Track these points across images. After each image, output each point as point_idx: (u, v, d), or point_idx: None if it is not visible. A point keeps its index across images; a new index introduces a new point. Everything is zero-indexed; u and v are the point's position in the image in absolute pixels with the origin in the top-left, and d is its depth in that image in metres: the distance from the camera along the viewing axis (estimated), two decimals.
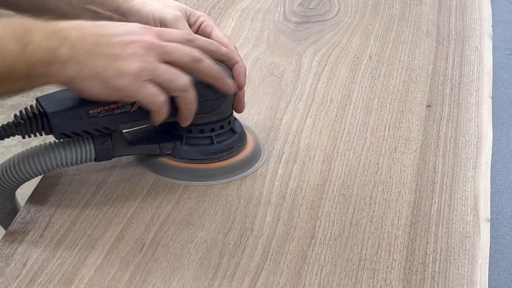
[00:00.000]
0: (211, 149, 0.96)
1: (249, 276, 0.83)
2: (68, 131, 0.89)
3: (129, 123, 0.91)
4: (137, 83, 0.86)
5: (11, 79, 0.81)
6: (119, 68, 0.85)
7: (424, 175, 0.98)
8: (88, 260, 0.84)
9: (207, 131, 0.95)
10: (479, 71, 1.20)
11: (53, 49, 0.82)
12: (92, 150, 0.91)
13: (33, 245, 0.85)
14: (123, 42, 0.86)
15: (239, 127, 0.99)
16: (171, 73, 0.88)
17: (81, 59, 0.84)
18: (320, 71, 1.18)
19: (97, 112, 0.89)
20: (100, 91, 0.85)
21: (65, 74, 0.83)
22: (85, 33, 0.86)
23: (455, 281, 0.83)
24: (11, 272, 0.82)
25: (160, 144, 0.95)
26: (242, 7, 1.36)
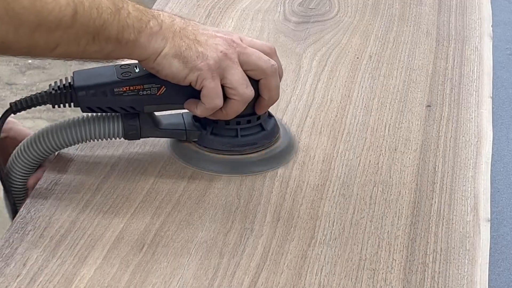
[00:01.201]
0: (234, 142, 0.97)
1: (249, 276, 0.83)
2: (93, 106, 0.93)
3: (155, 106, 0.94)
4: (212, 72, 0.90)
5: (103, 38, 0.85)
6: (201, 51, 0.90)
7: (424, 175, 0.98)
8: (88, 260, 0.84)
9: (233, 124, 0.97)
10: (479, 71, 1.20)
11: (144, 20, 0.87)
12: (120, 127, 0.95)
13: (33, 245, 0.85)
14: (208, 34, 0.92)
15: (271, 124, 1.00)
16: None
17: (167, 36, 0.89)
18: (320, 71, 1.18)
19: (122, 91, 0.92)
20: (178, 70, 0.89)
21: (150, 46, 0.88)
22: (174, 19, 0.91)
23: (455, 281, 0.83)
24: (11, 272, 0.82)
25: (187, 131, 0.98)
26: (242, 7, 1.36)
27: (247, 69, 0.92)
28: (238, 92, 0.92)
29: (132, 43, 0.87)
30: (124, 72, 0.93)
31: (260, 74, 0.93)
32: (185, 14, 1.32)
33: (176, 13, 1.31)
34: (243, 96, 0.92)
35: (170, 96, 0.93)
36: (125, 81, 0.92)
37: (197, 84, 0.91)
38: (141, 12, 0.88)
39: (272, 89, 0.95)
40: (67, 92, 0.92)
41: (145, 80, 0.93)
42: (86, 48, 0.86)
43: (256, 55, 0.93)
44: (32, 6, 0.80)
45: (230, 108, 0.93)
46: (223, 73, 0.91)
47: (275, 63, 0.94)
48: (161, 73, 0.90)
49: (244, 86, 0.92)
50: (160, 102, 0.94)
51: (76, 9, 0.82)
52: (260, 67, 0.93)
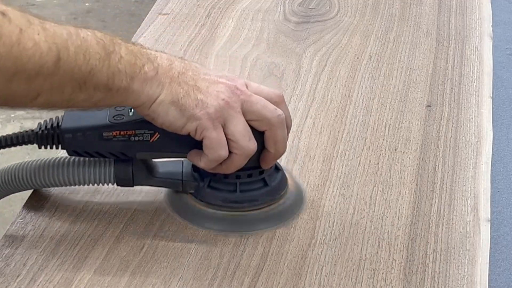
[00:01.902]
0: (232, 197, 0.89)
1: (249, 276, 0.83)
2: (80, 150, 0.87)
3: (148, 153, 0.87)
4: (213, 121, 0.82)
5: (91, 85, 0.78)
6: (201, 99, 0.82)
7: (424, 175, 0.98)
8: (88, 260, 0.84)
9: (232, 178, 0.88)
10: (479, 71, 1.20)
11: (138, 65, 0.80)
12: (112, 173, 0.88)
13: (33, 245, 0.85)
14: (210, 79, 0.84)
15: (277, 179, 0.91)
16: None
17: (163, 81, 0.81)
18: (320, 71, 1.18)
19: (111, 136, 0.85)
20: (175, 119, 0.82)
21: (144, 92, 0.80)
22: (173, 62, 0.84)
23: (455, 281, 0.83)
24: (11, 272, 0.82)
25: (183, 181, 0.90)
26: (242, 7, 1.36)
27: (251, 119, 0.84)
28: (240, 145, 0.84)
29: (124, 90, 0.80)
30: (117, 115, 0.86)
31: (265, 125, 0.85)
32: (185, 14, 1.32)
33: (176, 13, 1.31)
34: (245, 149, 0.84)
35: (165, 144, 0.86)
36: (115, 125, 0.85)
37: (197, 135, 0.83)
38: (135, 55, 0.81)
39: (278, 141, 0.86)
40: (54, 133, 0.86)
41: (137, 125, 0.85)
42: (72, 96, 0.78)
43: (262, 103, 0.85)
44: (8, 52, 0.70)
45: (230, 162, 0.85)
46: (224, 122, 0.83)
47: (282, 113, 0.86)
48: (157, 121, 0.83)
49: (247, 138, 0.84)
50: (153, 149, 0.86)
51: (59, 55, 0.74)
52: (265, 117, 0.85)
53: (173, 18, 1.31)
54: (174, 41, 1.24)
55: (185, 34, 1.26)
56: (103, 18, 3.37)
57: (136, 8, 3.44)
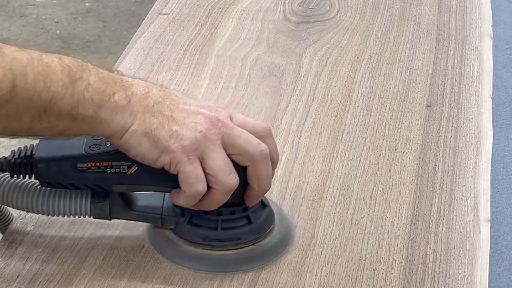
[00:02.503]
0: (212, 235, 0.83)
1: (249, 276, 0.83)
2: (53, 181, 0.82)
3: (125, 186, 0.82)
4: (188, 154, 0.78)
5: (53, 113, 0.74)
6: (175, 130, 0.78)
7: (424, 175, 0.98)
8: (88, 260, 0.84)
9: (214, 214, 0.83)
10: (479, 71, 1.20)
11: (107, 93, 0.76)
12: (88, 206, 0.84)
13: (33, 245, 0.85)
14: (189, 110, 0.79)
15: (262, 216, 0.85)
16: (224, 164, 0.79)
17: (135, 111, 0.77)
18: (320, 71, 1.18)
19: (86, 167, 0.81)
20: (148, 150, 0.78)
21: (114, 123, 0.77)
22: (150, 91, 0.79)
23: (455, 281, 0.83)
24: (11, 272, 0.82)
25: (162, 216, 0.85)
26: (242, 7, 1.36)
27: (232, 153, 0.79)
28: (219, 179, 0.78)
29: (91, 119, 0.75)
30: (93, 145, 0.81)
31: (247, 159, 0.80)
32: (185, 14, 1.32)
33: (176, 13, 1.31)
34: (224, 185, 0.79)
35: (143, 177, 0.81)
36: (91, 156, 0.81)
37: (171, 168, 0.78)
38: (106, 82, 0.77)
39: (262, 177, 0.81)
40: (27, 162, 0.82)
41: (114, 157, 0.80)
42: (33, 125, 0.74)
43: (244, 137, 0.80)
44: None
45: (210, 198, 0.80)
46: (202, 156, 0.78)
47: (265, 148, 0.81)
48: (130, 152, 0.79)
49: (226, 173, 0.79)
50: (130, 182, 0.81)
51: (15, 82, 0.71)
52: (247, 151, 0.80)
53: (173, 18, 1.31)
54: (174, 41, 1.24)
55: (185, 34, 1.26)
56: (103, 18, 3.37)
57: (136, 8, 3.44)
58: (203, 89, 1.13)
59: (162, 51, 1.21)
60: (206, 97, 1.11)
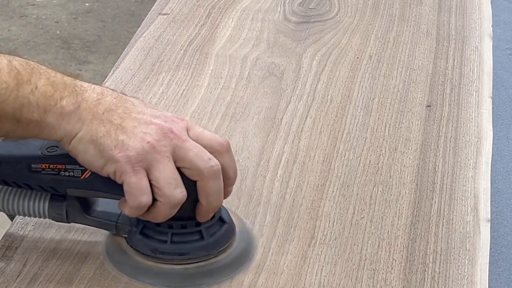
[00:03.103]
0: (161, 247, 0.81)
1: (249, 276, 0.83)
2: (8, 180, 0.82)
3: (79, 190, 0.81)
4: (133, 165, 0.76)
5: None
6: (121, 140, 0.76)
7: (424, 175, 0.98)
8: (88, 260, 0.84)
9: (164, 227, 0.81)
10: (479, 71, 1.20)
11: (55, 98, 0.76)
12: (46, 208, 0.83)
13: (33, 245, 0.85)
14: (141, 119, 0.78)
15: (218, 233, 0.83)
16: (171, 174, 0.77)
17: (83, 117, 0.77)
18: (320, 71, 1.18)
19: (40, 168, 0.80)
20: (94, 158, 0.77)
21: (61, 127, 0.76)
22: (103, 97, 0.79)
23: (455, 281, 0.83)
24: (11, 272, 0.82)
25: (117, 224, 0.83)
26: (242, 7, 1.36)
27: (182, 167, 0.78)
28: (164, 192, 0.77)
29: (36, 123, 0.75)
30: (51, 146, 0.81)
31: (196, 174, 0.78)
32: (185, 14, 1.32)
33: (176, 13, 1.31)
34: (170, 198, 0.77)
35: (96, 183, 0.80)
36: (45, 157, 0.80)
37: (116, 178, 0.77)
38: (55, 87, 0.76)
39: (210, 194, 0.79)
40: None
41: (68, 160, 0.79)
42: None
43: (195, 151, 0.78)
44: None
45: (156, 211, 0.78)
46: (148, 167, 0.77)
47: (216, 164, 0.79)
48: (78, 158, 0.78)
49: (172, 186, 0.77)
50: (84, 187, 0.80)
51: None
52: (196, 166, 0.78)
53: (173, 18, 1.31)
54: (174, 41, 1.24)
55: (185, 34, 1.26)
56: (103, 18, 3.37)
57: (136, 8, 3.44)
58: (203, 89, 1.13)
59: (162, 51, 1.21)
60: (206, 97, 1.11)
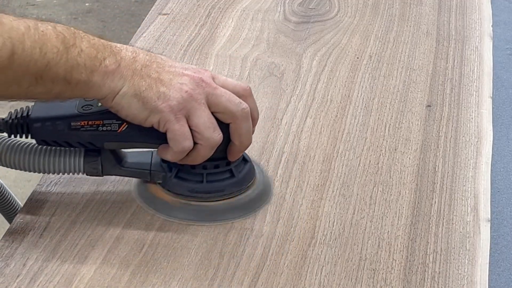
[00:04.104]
0: (198, 187, 0.90)
1: (249, 276, 0.83)
2: (49, 139, 0.88)
3: (116, 143, 0.88)
4: (175, 113, 0.84)
5: (48, 79, 0.79)
6: (163, 92, 0.83)
7: (424, 175, 0.98)
8: (88, 260, 0.84)
9: (199, 168, 0.89)
10: (479, 71, 1.20)
11: (99, 58, 0.81)
12: (82, 163, 0.89)
13: (33, 245, 0.85)
14: (175, 72, 0.85)
15: (244, 171, 0.92)
16: None
17: (125, 74, 0.83)
18: (320, 71, 1.18)
19: (79, 126, 0.86)
20: (138, 111, 0.84)
21: (106, 86, 0.82)
22: (137, 55, 0.84)
23: (455, 281, 0.83)
24: (11, 272, 0.82)
25: (151, 171, 0.91)
26: (242, 7, 1.36)
27: (216, 111, 0.86)
28: (204, 136, 0.85)
29: (84, 83, 0.81)
30: (86, 105, 0.87)
31: (229, 117, 0.86)
32: (185, 14, 1.32)
33: (176, 13, 1.31)
34: (209, 140, 0.85)
35: (132, 134, 0.87)
36: (83, 115, 0.86)
37: (160, 127, 0.85)
38: (96, 48, 0.82)
39: (243, 134, 0.88)
40: (23, 123, 0.87)
41: (105, 116, 0.86)
42: (30, 89, 0.80)
43: (226, 96, 0.86)
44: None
45: (196, 153, 0.86)
46: (188, 114, 0.84)
47: (246, 107, 0.87)
48: (121, 113, 0.85)
49: (211, 130, 0.85)
50: (121, 139, 0.87)
51: (13, 49, 0.76)
52: (230, 110, 0.86)
53: (173, 18, 1.31)
54: (174, 41, 1.24)
55: (185, 34, 1.26)
56: (103, 18, 3.37)
57: (136, 8, 3.44)
58: None
59: (162, 51, 1.21)
60: None
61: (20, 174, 0.98)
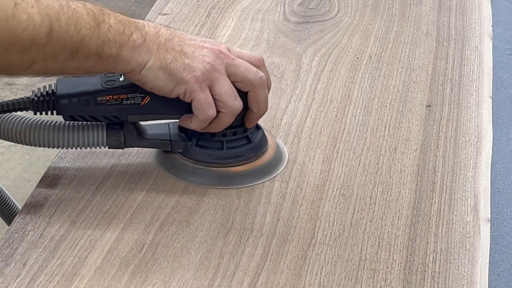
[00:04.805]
0: (219, 154, 0.95)
1: (249, 276, 0.83)
2: (75, 114, 0.92)
3: (139, 115, 0.93)
4: (200, 84, 0.89)
5: (82, 54, 0.83)
6: (188, 63, 0.88)
7: (424, 175, 0.98)
8: (88, 260, 0.84)
9: (219, 136, 0.95)
10: (479, 71, 1.20)
11: (126, 33, 0.86)
12: (104, 136, 0.94)
13: (33, 245, 0.85)
14: (195, 44, 0.90)
15: (258, 137, 0.97)
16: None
17: (151, 48, 0.87)
18: (320, 71, 1.18)
19: (105, 100, 0.91)
20: (165, 83, 0.88)
21: (133, 59, 0.86)
22: (159, 30, 0.89)
23: (455, 281, 0.83)
24: (11, 272, 0.82)
25: (172, 141, 0.96)
26: (242, 7, 1.36)
27: (235, 81, 0.91)
28: (227, 104, 0.90)
29: (114, 58, 0.85)
30: (108, 80, 0.92)
31: (248, 86, 0.92)
32: (185, 14, 1.32)
33: (176, 13, 1.31)
34: (232, 108, 0.91)
35: (155, 106, 0.92)
36: (108, 90, 0.91)
37: (186, 97, 0.90)
38: (123, 24, 0.86)
39: (261, 101, 0.93)
40: (49, 100, 0.91)
41: (129, 89, 0.91)
42: (65, 64, 0.83)
43: (244, 66, 0.91)
44: (5, 25, 0.77)
45: (219, 121, 0.92)
46: (211, 84, 0.89)
47: (263, 75, 0.93)
48: (147, 85, 0.89)
49: (233, 98, 0.90)
50: (144, 112, 0.92)
51: (51, 26, 0.80)
52: (248, 79, 0.91)
53: (173, 18, 1.31)
54: None
55: None
56: None
57: (136, 8, 3.44)
58: None
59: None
60: None
61: (20, 174, 0.98)
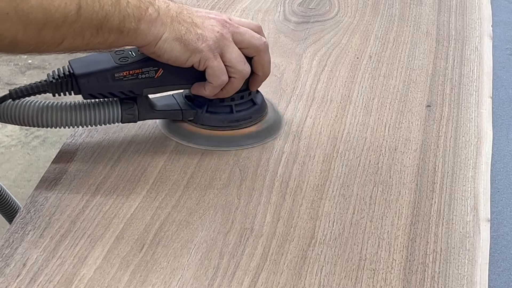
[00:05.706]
0: (230, 118, 1.01)
1: (249, 276, 0.83)
2: (95, 92, 0.96)
3: (153, 88, 0.98)
4: (213, 52, 0.94)
5: (106, 29, 0.88)
6: (200, 33, 0.94)
7: (424, 175, 0.98)
8: (88, 260, 0.84)
9: (227, 101, 1.01)
10: (479, 71, 1.20)
11: (143, 8, 0.90)
12: (119, 112, 0.98)
13: (33, 245, 0.85)
14: (203, 16, 0.96)
15: (260, 99, 1.04)
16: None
17: (165, 21, 0.92)
18: (320, 71, 1.18)
19: (122, 76, 0.95)
20: (180, 53, 0.93)
21: (150, 33, 0.91)
22: (169, 4, 0.94)
23: (455, 281, 0.83)
24: (11, 272, 0.82)
25: (182, 110, 1.01)
26: (242, 7, 1.36)
27: (241, 47, 0.97)
28: (237, 69, 0.96)
29: (133, 32, 0.90)
30: (121, 57, 0.96)
31: (253, 51, 0.98)
32: None
33: None
34: (242, 73, 0.97)
35: (167, 78, 0.97)
36: (124, 66, 0.96)
37: (200, 65, 0.95)
38: (139, 0, 0.91)
39: (265, 65, 0.99)
40: (68, 81, 0.95)
41: (143, 64, 0.96)
42: (91, 40, 0.88)
43: (249, 33, 0.97)
44: (40, 5, 0.82)
45: (230, 86, 0.98)
46: (222, 52, 0.95)
47: (266, 40, 0.99)
48: (163, 57, 0.94)
49: (242, 63, 0.96)
50: (158, 84, 0.97)
51: (80, 3, 0.85)
52: (254, 44, 0.97)
53: None
54: None
55: None
56: None
57: None
58: None
59: None
60: None
61: (20, 174, 0.98)
